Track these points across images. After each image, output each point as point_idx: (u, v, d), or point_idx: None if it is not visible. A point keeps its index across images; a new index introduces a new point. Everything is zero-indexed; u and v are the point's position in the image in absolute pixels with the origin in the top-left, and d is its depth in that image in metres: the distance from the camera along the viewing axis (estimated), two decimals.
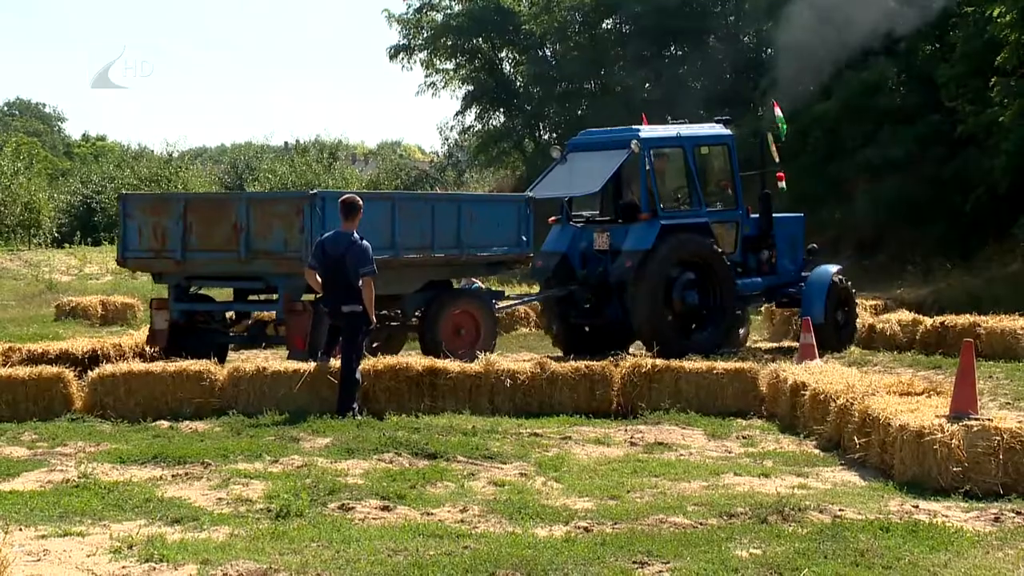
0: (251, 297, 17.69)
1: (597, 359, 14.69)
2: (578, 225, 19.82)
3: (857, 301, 20.99)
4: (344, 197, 13.73)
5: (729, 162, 20.11)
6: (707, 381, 14.03)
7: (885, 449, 10.44)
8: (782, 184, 20.73)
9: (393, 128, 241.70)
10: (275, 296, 16.67)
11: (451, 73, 50.90)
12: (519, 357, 17.89)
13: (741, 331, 20.47)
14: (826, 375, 12.93)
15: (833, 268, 20.72)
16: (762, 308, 22.24)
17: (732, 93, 38.84)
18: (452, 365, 13.96)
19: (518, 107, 49.00)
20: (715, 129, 20.51)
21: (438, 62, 50.37)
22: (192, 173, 62.11)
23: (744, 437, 12.54)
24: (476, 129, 51.76)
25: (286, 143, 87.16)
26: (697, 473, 10.51)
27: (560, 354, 18.85)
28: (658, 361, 14.28)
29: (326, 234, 13.81)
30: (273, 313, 17.01)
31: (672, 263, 18.83)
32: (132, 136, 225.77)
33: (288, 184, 58.68)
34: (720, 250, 19.27)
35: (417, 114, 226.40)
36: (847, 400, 11.55)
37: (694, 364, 14.42)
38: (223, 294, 19.30)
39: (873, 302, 23.56)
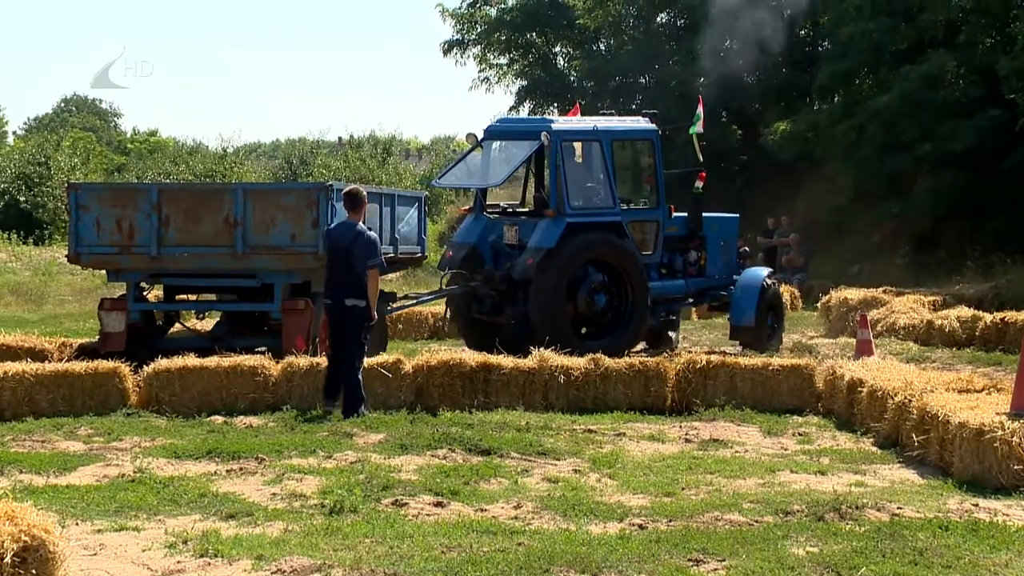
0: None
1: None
2: (491, 216, 19.11)
3: (915, 297, 20.82)
4: (348, 188, 13.63)
5: (653, 159, 19.30)
6: (763, 377, 13.97)
7: (944, 447, 10.37)
8: (699, 184, 19.81)
9: (447, 123, 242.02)
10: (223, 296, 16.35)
11: (504, 68, 50.85)
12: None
13: (672, 334, 19.81)
14: (884, 372, 12.86)
15: (764, 271, 20.27)
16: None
17: (788, 86, 38.60)
18: (506, 361, 13.99)
19: (571, 101, 48.94)
20: (639, 123, 19.69)
21: (491, 57, 50.33)
22: (247, 168, 62.49)
23: (800, 434, 12.48)
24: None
25: (340, 138, 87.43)
26: (752, 470, 10.47)
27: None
28: (713, 357, 14.22)
29: (332, 224, 13.75)
30: (245, 310, 16.59)
31: (578, 263, 18.03)
32: (186, 131, 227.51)
33: (343, 179, 58.90)
34: (636, 251, 18.51)
35: (471, 109, 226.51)
36: (905, 397, 11.47)
37: (749, 360, 14.39)
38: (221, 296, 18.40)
39: (932, 298, 23.36)
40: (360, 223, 13.34)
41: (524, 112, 50.71)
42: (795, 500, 9.14)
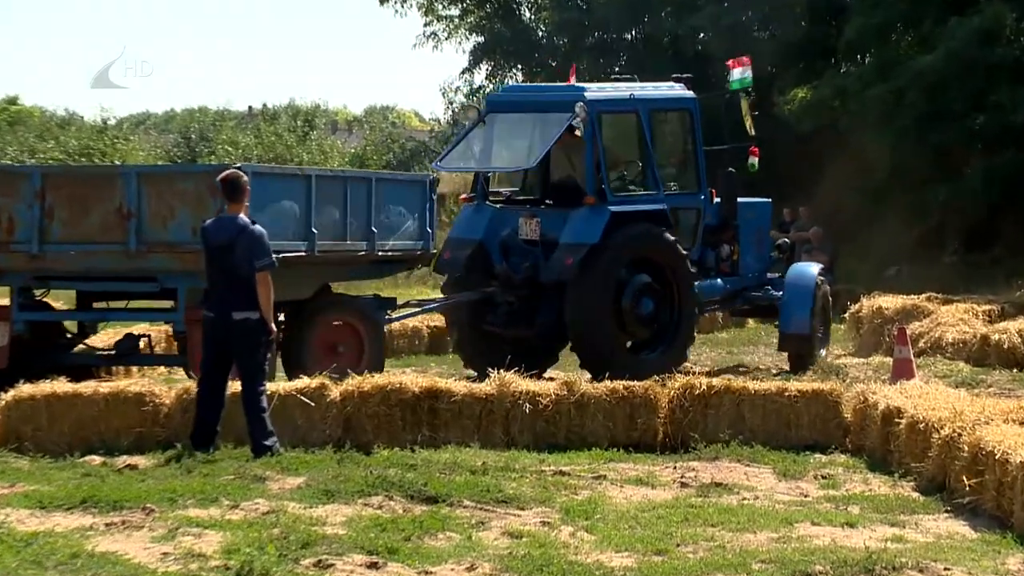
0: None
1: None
2: (497, 206, 19.40)
3: (966, 306, 20.99)
4: (225, 174, 13.60)
5: (691, 132, 19.73)
6: (777, 406, 14.03)
7: (1002, 492, 10.40)
8: (754, 160, 20.35)
9: (384, 90, 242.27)
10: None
11: (456, 20, 50.83)
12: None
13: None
14: (927, 399, 12.90)
15: (815, 267, 20.81)
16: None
17: (808, 43, 38.71)
18: (457, 386, 14.02)
19: (540, 63, 48.87)
20: (675, 90, 20.08)
21: (440, 6, 50.33)
22: (133, 145, 62.18)
23: (824, 476, 12.53)
24: (488, 90, 51.69)
25: (250, 108, 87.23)
26: (765, 522, 10.49)
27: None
28: (715, 381, 14.27)
29: (207, 220, 13.67)
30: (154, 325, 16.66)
31: (623, 262, 18.42)
32: (55, 100, 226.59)
33: (253, 158, 58.73)
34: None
35: (414, 72, 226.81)
36: (954, 430, 11.49)
37: (761, 385, 14.44)
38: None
39: (987, 307, 23.45)
40: (242, 215, 13.26)
41: (479, 77, 50.77)
42: (817, 559, 9.15)
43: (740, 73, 20.51)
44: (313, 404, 13.60)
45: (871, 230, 34.06)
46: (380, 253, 17.56)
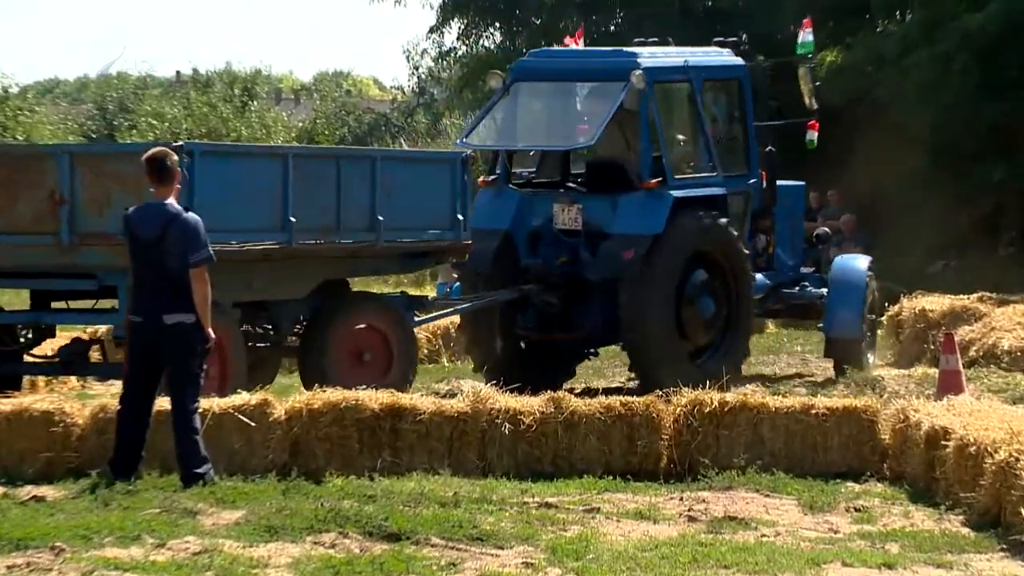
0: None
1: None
2: (524, 191, 19.66)
3: None
4: (151, 152, 13.61)
5: (741, 105, 20.12)
6: (802, 426, 14.06)
7: None
8: (813, 136, 20.79)
9: (337, 54, 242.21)
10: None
11: None
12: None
13: None
14: (979, 417, 12.90)
15: (864, 261, 21.11)
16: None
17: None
18: (424, 403, 14.01)
19: (521, 20, 48.87)
20: (723, 56, 20.45)
21: None
22: (39, 117, 62.12)
23: (857, 509, 12.58)
24: (460, 53, 51.64)
25: (178, 74, 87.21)
26: (787, 563, 10.51)
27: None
28: (729, 397, 14.29)
29: (130, 209, 13.63)
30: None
31: (686, 256, 18.72)
32: None
33: (183, 133, 58.60)
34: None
35: (372, 33, 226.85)
36: (1010, 454, 11.51)
37: (783, 402, 14.46)
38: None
39: None
40: (171, 201, 13.20)
41: (450, 37, 50.69)
42: None
43: (803, 36, 20.81)
44: (254, 424, 13.56)
45: (913, 218, 34.00)
46: (388, 244, 17.61)
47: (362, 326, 17.40)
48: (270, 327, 17.41)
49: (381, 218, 17.32)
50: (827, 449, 14.01)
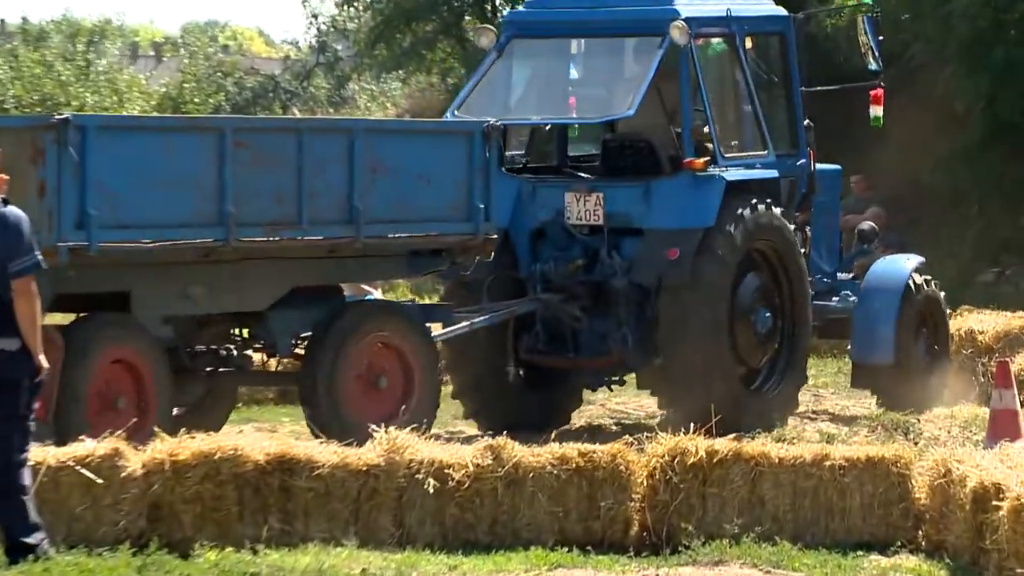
0: None
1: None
2: (523, 177, 19.96)
3: None
4: None
5: (785, 66, 20.56)
6: (812, 481, 14.23)
7: None
8: (877, 111, 21.09)
9: (210, 1, 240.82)
10: None
11: None
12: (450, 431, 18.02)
13: None
14: None
15: (911, 262, 21.36)
16: None
17: None
18: (323, 454, 14.11)
19: None
20: (765, 5, 20.86)
21: None
22: None
23: None
24: (371, 1, 51.62)
25: (2, 24, 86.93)
26: None
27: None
28: (718, 444, 14.37)
29: None
30: None
31: (741, 255, 18.99)
32: None
33: (8, 100, 58.33)
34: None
35: None
36: None
37: (788, 451, 14.61)
38: None
39: None
40: None
41: None
42: None
43: None
44: (102, 481, 13.58)
45: (957, 213, 34.22)
46: (375, 241, 17.82)
47: (377, 344, 17.71)
48: (226, 349, 17.63)
49: (360, 207, 17.55)
50: (846, 512, 14.15)
